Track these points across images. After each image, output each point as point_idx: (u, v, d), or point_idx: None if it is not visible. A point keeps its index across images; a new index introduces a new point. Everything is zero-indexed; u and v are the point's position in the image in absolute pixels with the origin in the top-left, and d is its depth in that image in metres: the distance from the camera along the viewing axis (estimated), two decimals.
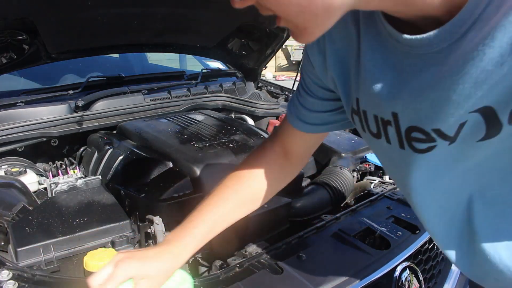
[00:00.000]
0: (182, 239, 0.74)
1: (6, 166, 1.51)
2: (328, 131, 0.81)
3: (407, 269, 1.07)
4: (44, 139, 1.66)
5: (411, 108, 0.51)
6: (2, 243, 1.08)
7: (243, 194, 0.82)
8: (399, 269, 1.04)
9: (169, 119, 1.79)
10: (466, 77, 0.44)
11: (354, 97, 0.62)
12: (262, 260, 0.98)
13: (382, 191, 1.39)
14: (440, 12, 0.45)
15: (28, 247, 0.94)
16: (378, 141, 0.61)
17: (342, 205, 1.46)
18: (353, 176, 1.59)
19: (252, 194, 0.83)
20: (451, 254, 0.65)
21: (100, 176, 1.44)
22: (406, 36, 0.48)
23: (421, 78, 0.49)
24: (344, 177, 1.48)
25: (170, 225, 1.32)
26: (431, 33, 0.46)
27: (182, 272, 0.76)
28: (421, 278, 1.10)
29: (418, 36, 0.47)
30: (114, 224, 1.05)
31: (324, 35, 0.56)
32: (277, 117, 2.18)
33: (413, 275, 1.09)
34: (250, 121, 2.16)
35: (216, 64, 2.79)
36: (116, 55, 2.72)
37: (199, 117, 1.85)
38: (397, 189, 1.40)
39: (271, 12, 0.51)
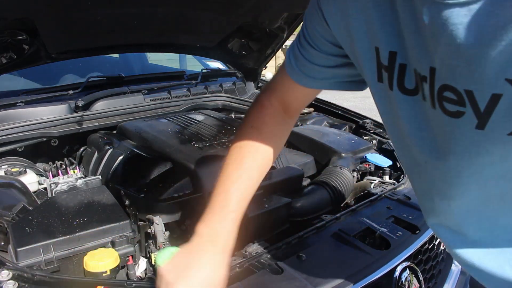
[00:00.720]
0: (223, 229, 0.72)
1: (6, 166, 1.51)
2: (329, 88, 0.78)
3: (407, 269, 1.07)
4: (44, 139, 1.66)
5: (447, 64, 0.48)
6: (2, 243, 1.08)
7: (258, 159, 0.80)
8: (399, 269, 1.04)
9: (169, 119, 1.79)
10: (510, 33, 0.40)
11: (387, 51, 0.58)
12: (262, 260, 0.98)
13: (382, 191, 1.39)
14: None
15: (28, 247, 0.94)
16: (410, 99, 0.57)
17: (342, 205, 1.46)
18: (353, 176, 1.59)
19: (265, 156, 0.82)
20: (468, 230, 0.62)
21: (100, 176, 1.44)
22: None
23: (460, 31, 0.45)
24: (344, 177, 1.48)
25: (170, 225, 1.32)
26: None
27: None
28: (421, 278, 1.10)
29: None
30: (114, 224, 1.05)
31: None
32: None
33: (413, 275, 1.09)
34: None
35: (216, 64, 2.79)
36: (116, 55, 2.72)
37: (199, 117, 1.85)
38: (397, 189, 1.40)
39: None
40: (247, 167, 0.78)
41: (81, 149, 1.75)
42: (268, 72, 2.70)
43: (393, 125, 0.65)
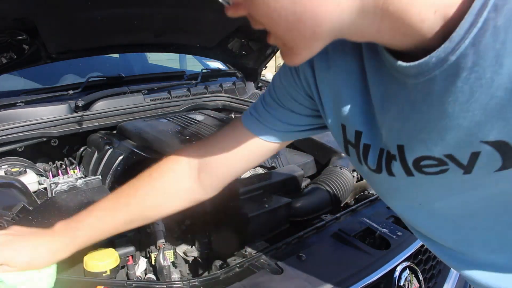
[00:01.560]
0: (63, 237, 0.77)
1: (6, 166, 1.51)
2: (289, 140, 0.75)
3: (407, 269, 1.07)
4: (44, 139, 1.66)
5: (419, 139, 0.50)
6: None
7: (135, 209, 0.78)
8: (399, 269, 1.04)
9: (169, 119, 1.79)
10: (476, 105, 0.42)
11: (353, 130, 0.59)
12: (262, 260, 0.98)
13: None
14: (438, 41, 0.42)
15: None
16: (377, 175, 0.59)
17: (342, 205, 1.46)
18: (353, 176, 1.59)
19: (143, 211, 0.79)
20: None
21: (100, 176, 1.44)
22: (401, 63, 0.45)
23: (426, 108, 0.47)
24: (344, 177, 1.48)
25: (170, 225, 1.32)
26: (426, 58, 0.42)
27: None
28: (421, 278, 1.10)
29: (414, 63, 0.44)
30: None
31: (319, 63, 0.57)
32: None
33: (413, 275, 1.09)
34: None
35: (216, 64, 2.79)
36: (116, 55, 2.72)
37: (199, 117, 1.85)
38: None
39: (261, 27, 0.49)
40: (116, 208, 0.78)
41: (81, 149, 1.75)
42: (268, 72, 2.70)
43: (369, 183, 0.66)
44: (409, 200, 0.60)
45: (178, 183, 0.78)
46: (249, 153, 0.74)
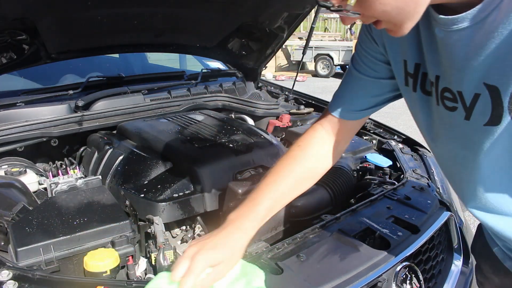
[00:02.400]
0: (246, 217, 0.81)
1: (6, 166, 1.51)
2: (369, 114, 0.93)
3: (407, 269, 1.07)
4: (44, 139, 1.66)
5: (448, 72, 0.67)
6: (2, 243, 1.08)
7: (300, 172, 0.89)
8: (399, 269, 1.04)
9: (169, 119, 1.79)
10: (487, 51, 0.59)
11: (413, 63, 0.76)
12: (262, 260, 0.98)
13: (382, 191, 1.39)
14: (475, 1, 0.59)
15: (28, 247, 0.94)
16: (427, 98, 0.76)
17: (342, 205, 1.46)
18: (353, 176, 1.59)
19: (307, 172, 0.91)
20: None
21: (100, 176, 1.44)
22: (442, 16, 0.64)
23: (456, 50, 0.64)
24: (344, 177, 1.48)
25: (170, 225, 1.32)
26: (461, 14, 0.61)
27: (254, 267, 0.81)
28: (421, 278, 1.10)
29: (450, 17, 0.62)
30: (114, 224, 1.05)
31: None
32: (277, 117, 2.18)
33: (413, 275, 1.09)
34: (250, 121, 2.16)
35: (216, 64, 2.79)
36: (116, 55, 2.72)
37: (199, 117, 1.85)
38: (397, 189, 1.40)
39: (373, 19, 0.64)
40: (285, 176, 0.88)
41: (81, 149, 1.75)
42: (268, 72, 2.71)
43: (415, 117, 0.84)
44: (436, 133, 0.78)
45: (324, 148, 0.93)
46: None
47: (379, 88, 0.89)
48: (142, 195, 1.28)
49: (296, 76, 2.68)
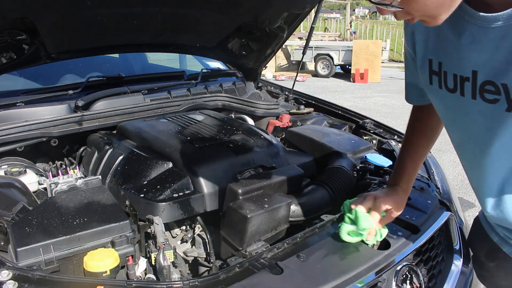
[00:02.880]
0: (402, 180, 1.09)
1: (6, 166, 1.51)
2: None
3: (407, 269, 1.07)
4: (44, 139, 1.66)
5: (490, 66, 0.71)
6: (2, 243, 1.08)
7: (426, 135, 1.10)
8: (399, 269, 1.04)
9: (169, 119, 1.79)
10: None
11: (438, 62, 0.82)
12: (262, 260, 0.98)
13: None
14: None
15: (28, 247, 0.94)
16: (451, 95, 0.81)
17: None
18: (353, 176, 1.59)
19: (430, 136, 1.11)
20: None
21: (100, 176, 1.44)
22: (483, 13, 0.69)
23: (501, 43, 0.69)
24: (344, 177, 1.48)
25: (170, 225, 1.32)
26: (503, 12, 0.66)
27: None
28: (421, 278, 1.10)
29: (494, 14, 0.67)
30: (114, 224, 1.05)
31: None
32: (277, 117, 2.18)
33: (413, 275, 1.09)
34: (250, 121, 2.16)
35: (216, 64, 2.79)
36: (116, 55, 2.72)
37: (199, 117, 1.85)
38: None
39: (409, 16, 0.68)
40: (414, 142, 1.10)
41: (81, 149, 1.75)
42: (268, 72, 2.71)
43: (441, 113, 0.92)
44: (466, 127, 0.84)
45: (434, 116, 1.04)
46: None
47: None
48: (142, 195, 1.28)
49: (296, 76, 2.68)
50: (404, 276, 1.05)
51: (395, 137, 1.93)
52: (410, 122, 1.12)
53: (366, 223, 1.01)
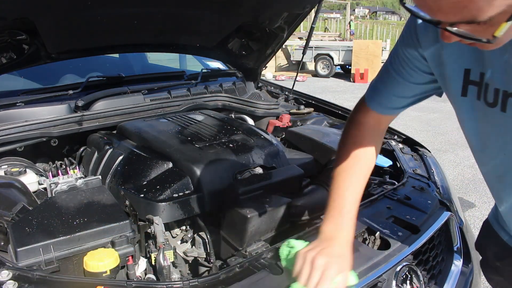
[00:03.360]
0: (342, 230, 0.90)
1: (6, 166, 1.51)
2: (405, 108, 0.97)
3: (407, 269, 1.07)
4: (44, 139, 1.66)
5: None
6: (2, 243, 1.08)
7: (363, 167, 0.98)
8: (399, 269, 1.04)
9: (169, 119, 1.79)
10: None
11: (477, 72, 0.77)
12: (262, 260, 0.98)
13: (382, 191, 1.39)
14: None
15: (28, 247, 0.94)
16: (490, 109, 0.77)
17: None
18: None
19: (367, 164, 1.00)
20: None
21: (100, 176, 1.44)
22: None
23: None
24: None
25: (170, 225, 1.32)
26: None
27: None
28: (421, 278, 1.10)
29: None
30: (114, 224, 1.05)
31: None
32: (277, 117, 2.18)
33: (413, 275, 1.09)
34: (250, 121, 2.16)
35: (216, 64, 2.79)
36: (116, 55, 2.72)
37: (199, 117, 1.85)
38: (397, 189, 1.40)
39: (497, 46, 0.64)
40: (355, 174, 0.96)
41: (81, 149, 1.75)
42: (268, 72, 2.71)
43: (469, 125, 0.86)
44: (502, 144, 0.80)
45: (374, 140, 1.01)
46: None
47: (412, 91, 0.93)
48: (142, 195, 1.28)
49: (296, 76, 2.68)
50: (404, 276, 1.05)
51: (395, 137, 1.93)
52: (350, 145, 0.99)
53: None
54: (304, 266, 0.82)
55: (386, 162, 1.62)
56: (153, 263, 1.07)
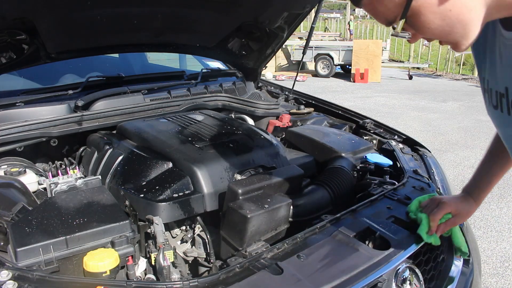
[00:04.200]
0: (474, 191, 1.12)
1: (6, 166, 1.51)
2: None
3: (407, 270, 1.07)
4: (44, 139, 1.65)
5: None
6: (2, 243, 1.08)
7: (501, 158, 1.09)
8: (399, 269, 1.04)
9: (169, 119, 1.79)
10: None
11: (486, 79, 0.85)
12: (262, 260, 0.98)
13: (382, 191, 1.39)
14: None
15: (27, 247, 0.94)
16: (495, 111, 0.83)
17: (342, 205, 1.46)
18: (353, 176, 1.59)
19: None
20: None
21: (100, 176, 1.44)
22: (510, 31, 0.72)
23: None
24: (344, 177, 1.48)
25: (170, 225, 1.32)
26: None
27: None
28: (421, 278, 1.10)
29: None
30: (114, 224, 1.05)
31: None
32: (277, 117, 2.18)
33: (413, 275, 1.08)
34: (250, 121, 2.15)
35: (216, 64, 2.79)
36: (116, 55, 2.72)
37: (199, 117, 1.85)
38: (397, 189, 1.40)
39: (420, 38, 0.73)
40: (496, 159, 1.10)
41: (81, 149, 1.75)
42: (268, 72, 2.71)
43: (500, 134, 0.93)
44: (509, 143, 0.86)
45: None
46: None
47: None
48: (142, 195, 1.28)
49: (296, 76, 2.68)
50: (404, 277, 1.05)
51: (395, 137, 1.93)
52: (497, 135, 1.11)
53: (427, 236, 1.11)
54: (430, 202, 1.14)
55: (386, 162, 1.62)
56: (153, 263, 1.07)
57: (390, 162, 1.62)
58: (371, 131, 2.01)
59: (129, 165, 1.45)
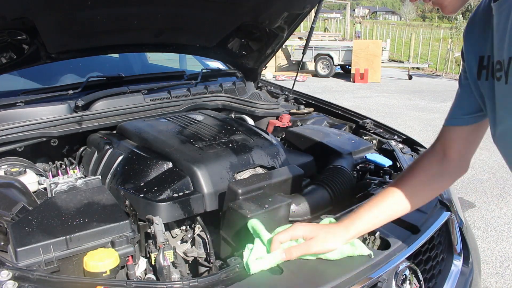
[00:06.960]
0: (347, 225, 0.96)
1: (6, 166, 1.51)
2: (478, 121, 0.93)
3: (407, 269, 1.07)
4: (44, 139, 1.65)
5: (500, 47, 0.73)
6: (2, 243, 1.08)
7: (399, 195, 0.97)
8: (399, 269, 1.04)
9: (169, 119, 1.79)
10: None
11: (486, 55, 0.82)
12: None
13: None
14: None
15: (27, 247, 0.94)
16: (498, 83, 0.77)
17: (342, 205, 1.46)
18: (353, 176, 1.59)
19: (403, 201, 0.98)
20: None
21: (100, 176, 1.44)
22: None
23: (508, 24, 0.70)
24: (344, 177, 1.48)
25: (170, 225, 1.32)
26: None
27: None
28: (421, 278, 1.10)
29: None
30: (114, 224, 1.05)
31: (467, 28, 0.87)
32: (277, 117, 2.18)
33: (413, 275, 1.09)
34: (250, 121, 2.16)
35: (216, 64, 2.79)
36: (116, 55, 2.72)
37: (199, 117, 1.85)
38: None
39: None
40: (384, 205, 0.98)
41: (81, 149, 1.75)
42: (268, 72, 2.72)
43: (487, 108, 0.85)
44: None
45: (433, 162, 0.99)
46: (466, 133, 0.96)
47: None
48: (142, 195, 1.28)
49: (296, 76, 2.68)
50: (404, 276, 1.05)
51: (395, 137, 1.93)
52: (411, 165, 1.04)
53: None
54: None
55: (386, 162, 1.62)
56: (153, 263, 1.07)
57: (390, 162, 1.63)
58: (371, 131, 2.01)
59: (129, 165, 1.45)
